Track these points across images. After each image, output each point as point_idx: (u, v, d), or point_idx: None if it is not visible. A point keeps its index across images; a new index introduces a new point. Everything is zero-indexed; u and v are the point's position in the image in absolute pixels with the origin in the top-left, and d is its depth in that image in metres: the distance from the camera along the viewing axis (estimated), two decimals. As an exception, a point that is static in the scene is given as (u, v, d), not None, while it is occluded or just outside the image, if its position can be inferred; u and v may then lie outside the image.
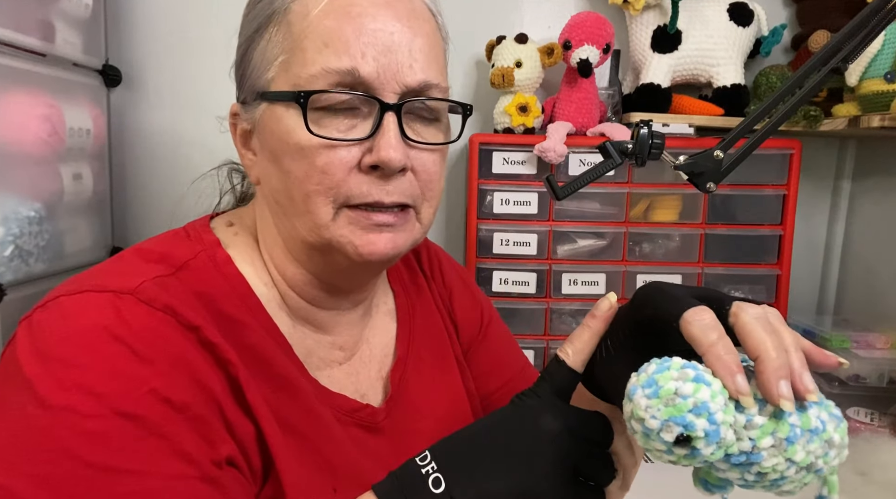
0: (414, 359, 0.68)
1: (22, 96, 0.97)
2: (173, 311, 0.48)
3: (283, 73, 0.53)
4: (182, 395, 0.45)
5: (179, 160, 1.33)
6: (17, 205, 0.96)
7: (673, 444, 0.39)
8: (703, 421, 0.38)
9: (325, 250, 0.55)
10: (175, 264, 0.53)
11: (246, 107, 0.57)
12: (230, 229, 0.61)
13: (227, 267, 0.57)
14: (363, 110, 0.53)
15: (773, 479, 0.39)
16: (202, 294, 0.52)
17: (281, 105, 0.53)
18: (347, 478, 0.55)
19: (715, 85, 1.22)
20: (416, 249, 0.77)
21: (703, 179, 0.63)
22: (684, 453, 0.39)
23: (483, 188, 1.19)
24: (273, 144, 0.54)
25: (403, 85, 0.53)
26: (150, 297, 0.48)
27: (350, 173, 0.52)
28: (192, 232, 0.59)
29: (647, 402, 0.39)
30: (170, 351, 0.47)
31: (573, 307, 1.24)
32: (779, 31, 1.26)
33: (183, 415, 0.45)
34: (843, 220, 1.41)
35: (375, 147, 0.52)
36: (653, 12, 1.22)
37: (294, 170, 0.53)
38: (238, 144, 0.60)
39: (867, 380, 1.10)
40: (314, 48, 0.51)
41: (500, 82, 1.18)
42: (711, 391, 0.38)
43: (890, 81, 1.05)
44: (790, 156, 1.18)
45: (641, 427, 0.40)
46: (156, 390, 0.44)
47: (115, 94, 1.29)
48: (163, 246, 0.56)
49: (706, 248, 1.22)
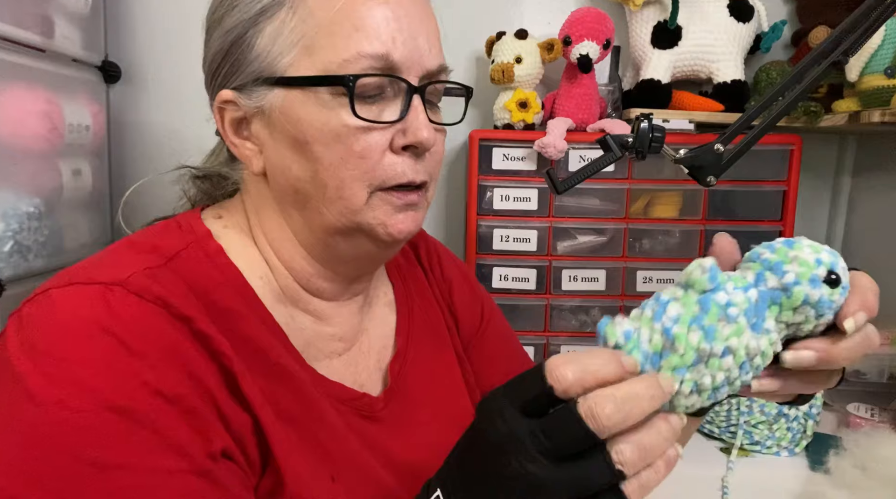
0: (413, 351, 0.68)
1: (21, 92, 0.97)
2: (165, 302, 0.48)
3: (306, 58, 0.53)
4: (175, 387, 0.45)
5: (178, 156, 1.32)
6: (17, 200, 0.96)
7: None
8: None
9: (351, 234, 0.56)
10: (166, 255, 0.53)
11: (245, 93, 0.56)
12: (219, 222, 0.61)
13: (220, 258, 0.57)
14: (388, 94, 0.55)
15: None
16: (194, 285, 0.52)
17: (309, 90, 0.53)
18: (346, 466, 0.55)
19: (715, 81, 1.22)
20: (414, 243, 0.77)
21: (704, 173, 0.64)
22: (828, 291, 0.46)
23: (483, 184, 1.19)
24: (298, 130, 0.54)
25: (425, 69, 0.55)
26: (140, 288, 0.47)
27: (384, 155, 0.54)
28: (183, 223, 0.59)
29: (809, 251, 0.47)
30: (161, 343, 0.46)
31: (573, 304, 1.24)
32: (779, 27, 1.25)
33: (176, 408, 0.45)
34: (843, 216, 1.41)
35: (410, 129, 0.54)
36: (653, 8, 1.22)
37: (327, 156, 0.53)
38: (228, 134, 0.58)
39: (867, 376, 1.10)
40: (344, 33, 0.52)
41: (499, 78, 1.18)
42: None
43: (890, 76, 1.04)
44: (790, 152, 1.18)
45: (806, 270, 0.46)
46: (147, 382, 0.44)
47: (115, 91, 1.28)
48: (154, 237, 0.56)
49: (706, 244, 1.21)
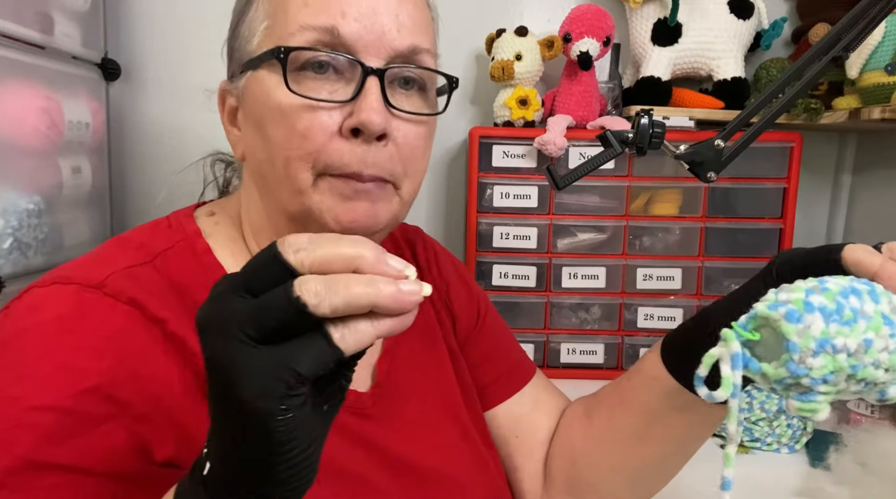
0: (404, 349, 0.67)
1: (21, 89, 0.97)
2: (138, 303, 0.48)
3: (267, 38, 0.53)
4: (127, 392, 0.45)
5: (179, 154, 1.33)
6: (17, 198, 0.96)
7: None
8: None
9: (304, 221, 0.54)
10: (151, 253, 0.53)
11: (233, 81, 0.57)
12: (211, 219, 0.61)
13: (206, 256, 0.56)
14: (347, 75, 0.52)
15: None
16: (176, 284, 0.52)
17: (263, 69, 0.53)
18: (330, 467, 0.53)
19: (715, 78, 1.22)
20: (411, 241, 0.77)
21: (704, 169, 0.63)
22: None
23: (483, 182, 1.19)
24: (256, 110, 0.54)
25: (391, 49, 0.52)
26: (115, 289, 0.48)
27: (331, 139, 0.51)
28: (174, 222, 0.59)
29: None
30: (126, 346, 0.46)
31: (573, 301, 1.24)
32: (779, 24, 1.25)
33: (124, 413, 0.45)
34: (843, 213, 1.41)
35: (356, 110, 0.51)
36: (653, 5, 1.22)
37: (274, 135, 0.52)
38: (225, 121, 0.60)
39: (867, 373, 1.10)
40: (295, 8, 0.51)
41: (499, 75, 1.18)
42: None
43: (890, 73, 1.04)
44: (790, 149, 1.18)
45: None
46: (98, 386, 0.44)
47: (115, 88, 1.28)
48: (143, 235, 0.56)
49: (706, 241, 1.21)
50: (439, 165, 1.38)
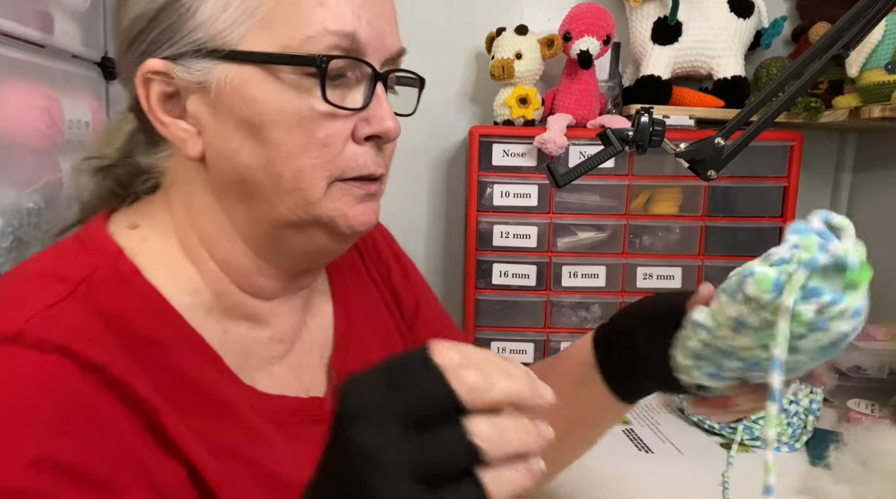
0: (357, 343, 0.63)
1: (20, 88, 0.97)
2: (69, 351, 0.41)
3: (263, 31, 0.46)
4: (79, 457, 0.39)
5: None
6: (17, 196, 0.96)
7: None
8: None
9: (305, 228, 0.51)
10: (71, 283, 0.45)
11: (182, 64, 0.48)
12: (135, 233, 0.52)
13: (136, 280, 0.49)
14: (350, 78, 0.49)
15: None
16: (108, 316, 0.45)
17: (269, 68, 0.47)
18: (298, 487, 0.52)
19: (715, 77, 1.22)
20: None
21: (704, 167, 0.64)
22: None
23: (483, 180, 1.19)
24: (253, 112, 0.47)
25: (387, 51, 0.51)
26: (39, 338, 0.41)
27: (346, 144, 0.49)
28: (87, 241, 0.50)
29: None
30: (67, 404, 0.40)
31: (573, 300, 1.24)
32: (779, 22, 1.25)
33: (81, 482, 0.39)
34: (843, 212, 1.40)
35: (375, 118, 0.50)
36: (653, 4, 1.22)
37: (287, 143, 0.47)
38: (154, 109, 0.49)
39: (868, 371, 1.10)
40: (308, 6, 0.46)
41: (499, 74, 1.18)
42: None
43: (891, 72, 1.04)
44: (791, 148, 1.18)
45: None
46: (45, 456, 0.38)
47: (114, 87, 1.28)
48: (52, 261, 0.48)
49: (706, 240, 1.21)
50: (439, 164, 1.38)
